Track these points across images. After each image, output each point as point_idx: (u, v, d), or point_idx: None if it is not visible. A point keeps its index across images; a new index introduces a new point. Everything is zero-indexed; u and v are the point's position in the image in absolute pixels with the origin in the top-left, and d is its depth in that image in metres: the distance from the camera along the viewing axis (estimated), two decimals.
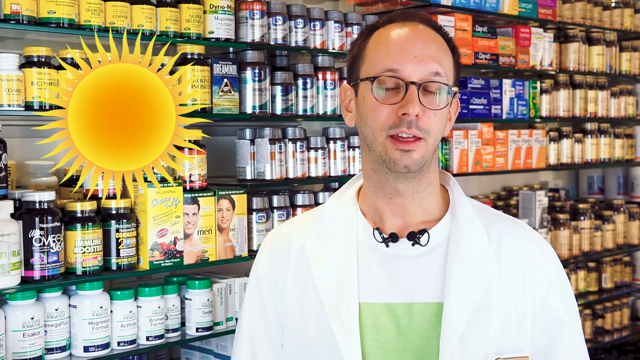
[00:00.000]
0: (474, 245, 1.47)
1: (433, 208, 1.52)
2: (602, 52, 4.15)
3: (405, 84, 1.41)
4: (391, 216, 1.50)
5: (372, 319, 1.45)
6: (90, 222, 2.26)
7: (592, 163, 4.18)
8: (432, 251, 1.48)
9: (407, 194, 1.48)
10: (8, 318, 2.15)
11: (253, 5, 2.71)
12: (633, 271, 4.53)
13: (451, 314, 1.41)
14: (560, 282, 1.52)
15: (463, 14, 3.39)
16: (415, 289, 1.45)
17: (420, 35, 1.46)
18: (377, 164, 1.47)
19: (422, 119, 1.42)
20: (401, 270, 1.47)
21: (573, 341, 1.51)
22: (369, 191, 1.53)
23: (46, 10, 2.22)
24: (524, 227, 1.56)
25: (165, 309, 2.47)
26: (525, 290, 1.47)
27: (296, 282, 1.53)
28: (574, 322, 1.52)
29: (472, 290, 1.43)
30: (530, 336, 1.47)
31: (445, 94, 1.45)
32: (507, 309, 1.45)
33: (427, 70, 1.43)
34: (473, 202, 1.57)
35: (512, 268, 1.47)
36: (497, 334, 1.43)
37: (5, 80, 2.15)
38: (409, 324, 1.44)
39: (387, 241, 1.48)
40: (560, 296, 1.51)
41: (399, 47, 1.44)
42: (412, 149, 1.42)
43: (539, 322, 1.48)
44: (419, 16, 1.50)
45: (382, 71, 1.44)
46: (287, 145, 2.80)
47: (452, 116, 1.53)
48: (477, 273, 1.45)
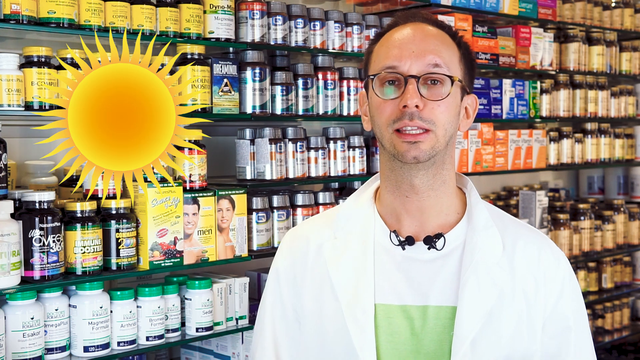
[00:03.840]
0: (489, 252, 1.49)
1: (449, 209, 1.54)
2: (602, 52, 4.15)
3: (405, 78, 1.45)
4: (408, 217, 1.52)
5: (387, 320, 1.47)
6: (90, 222, 2.26)
7: (592, 163, 4.18)
8: (448, 256, 1.50)
9: (423, 190, 1.50)
10: (8, 318, 2.15)
11: (253, 5, 2.71)
12: (633, 271, 4.53)
13: (464, 318, 1.43)
14: (571, 289, 1.53)
15: (463, 14, 3.39)
16: (429, 292, 1.47)
17: (419, 33, 1.49)
18: (391, 161, 1.50)
19: (425, 111, 1.44)
20: (416, 273, 1.49)
21: (581, 349, 1.52)
22: (386, 192, 1.55)
23: (46, 10, 2.22)
24: (538, 234, 1.58)
25: (165, 309, 2.46)
26: (537, 296, 1.48)
27: (314, 282, 1.56)
28: (583, 330, 1.54)
29: (486, 296, 1.45)
30: (539, 342, 1.48)
31: (448, 84, 1.46)
32: (519, 314, 1.47)
33: (425, 63, 1.45)
34: (489, 206, 1.59)
35: (525, 274, 1.49)
36: (508, 339, 1.45)
37: (5, 80, 2.15)
38: (422, 327, 1.46)
39: (404, 244, 1.50)
40: (571, 304, 1.52)
41: (397, 45, 1.48)
42: (419, 141, 1.44)
43: (548, 328, 1.49)
44: (422, 16, 1.53)
45: (382, 69, 1.48)
46: (287, 145, 2.80)
47: (470, 112, 1.56)
48: (491, 279, 1.46)
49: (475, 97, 1.57)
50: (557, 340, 1.49)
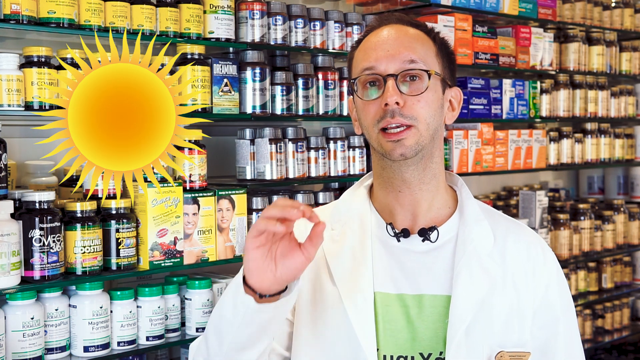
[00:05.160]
0: (481, 244, 1.54)
1: (441, 203, 1.58)
2: (602, 52, 4.15)
3: (383, 78, 1.49)
4: (402, 210, 1.57)
5: (385, 308, 1.52)
6: (90, 222, 2.26)
7: (592, 163, 4.18)
8: (441, 247, 1.55)
9: (415, 184, 1.54)
10: (8, 318, 2.15)
11: (253, 5, 2.71)
12: (633, 271, 4.53)
13: (458, 306, 1.48)
14: (558, 282, 1.59)
15: (463, 14, 3.39)
16: (424, 282, 1.52)
17: (392, 33, 1.54)
18: (381, 159, 1.55)
19: (406, 107, 1.48)
20: (411, 264, 1.54)
21: (569, 339, 1.57)
22: (379, 188, 1.60)
23: (46, 10, 2.22)
24: (527, 229, 1.64)
25: (165, 309, 2.47)
26: (527, 287, 1.54)
27: (310, 271, 1.57)
28: (570, 320, 1.59)
29: (478, 285, 1.50)
30: (530, 333, 1.53)
31: (426, 79, 1.50)
32: (510, 305, 1.52)
33: (401, 60, 1.50)
34: (479, 203, 1.64)
35: (515, 266, 1.55)
36: (500, 328, 1.50)
37: (5, 80, 2.15)
38: (418, 315, 1.51)
39: (399, 236, 1.55)
40: (558, 295, 1.57)
41: (373, 47, 1.53)
42: (403, 138, 1.48)
43: (538, 319, 1.54)
44: (395, 17, 1.59)
45: (362, 71, 1.53)
46: (287, 145, 2.80)
47: (455, 105, 1.60)
48: (483, 269, 1.52)
49: (458, 89, 1.61)
50: (546, 331, 1.54)
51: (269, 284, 1.36)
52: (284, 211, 1.33)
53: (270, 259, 1.36)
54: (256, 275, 1.36)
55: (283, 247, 1.37)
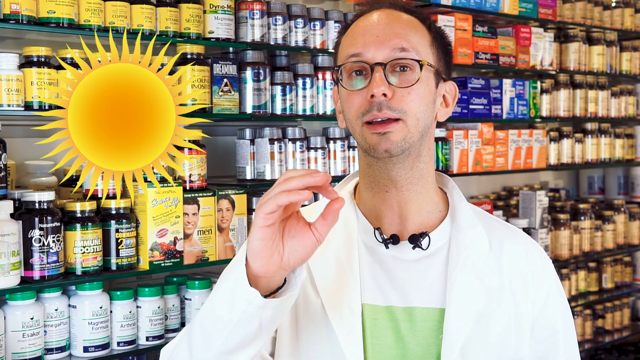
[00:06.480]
0: (476, 251, 1.42)
1: (430, 207, 1.46)
2: (603, 52, 4.15)
3: (370, 67, 1.35)
4: (389, 213, 1.44)
5: (373, 321, 1.40)
6: (90, 222, 2.25)
7: (593, 163, 4.18)
8: (433, 255, 1.42)
9: (402, 184, 1.41)
10: (8, 318, 2.15)
11: (253, 5, 2.71)
12: (633, 271, 4.52)
13: (453, 320, 1.36)
14: (558, 292, 1.48)
15: (463, 14, 3.38)
16: (415, 293, 1.40)
17: (383, 18, 1.39)
18: (366, 156, 1.41)
19: (394, 100, 1.34)
20: (401, 273, 1.41)
21: (569, 353, 1.48)
22: (365, 188, 1.47)
23: (46, 10, 2.22)
24: (523, 235, 1.52)
25: (165, 309, 2.46)
26: (525, 296, 1.43)
27: None
28: (570, 334, 1.49)
29: (474, 297, 1.38)
30: (529, 347, 1.43)
31: (417, 69, 1.36)
32: (508, 317, 1.41)
33: (390, 48, 1.35)
34: (472, 206, 1.52)
35: (513, 273, 1.43)
36: (497, 342, 1.39)
37: (5, 80, 2.15)
38: (409, 329, 1.39)
39: (388, 242, 1.42)
40: (558, 307, 1.47)
41: (361, 32, 1.38)
42: (389, 131, 1.34)
43: (537, 333, 1.44)
44: (387, 1, 1.44)
45: (347, 58, 1.38)
46: (287, 145, 2.80)
47: (449, 100, 1.46)
48: (479, 279, 1.40)
49: (453, 83, 1.46)
50: (545, 344, 1.44)
51: (275, 269, 1.20)
52: (304, 179, 1.16)
53: (279, 240, 1.20)
54: (262, 259, 1.19)
55: (290, 227, 1.22)
